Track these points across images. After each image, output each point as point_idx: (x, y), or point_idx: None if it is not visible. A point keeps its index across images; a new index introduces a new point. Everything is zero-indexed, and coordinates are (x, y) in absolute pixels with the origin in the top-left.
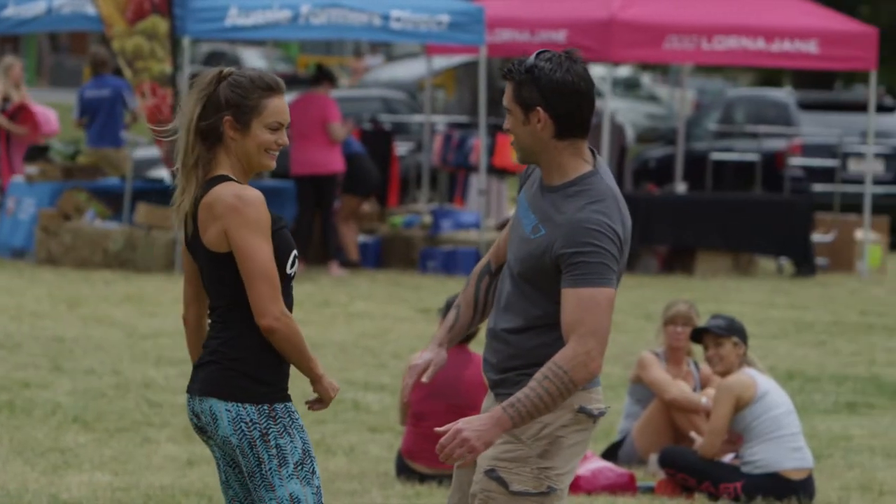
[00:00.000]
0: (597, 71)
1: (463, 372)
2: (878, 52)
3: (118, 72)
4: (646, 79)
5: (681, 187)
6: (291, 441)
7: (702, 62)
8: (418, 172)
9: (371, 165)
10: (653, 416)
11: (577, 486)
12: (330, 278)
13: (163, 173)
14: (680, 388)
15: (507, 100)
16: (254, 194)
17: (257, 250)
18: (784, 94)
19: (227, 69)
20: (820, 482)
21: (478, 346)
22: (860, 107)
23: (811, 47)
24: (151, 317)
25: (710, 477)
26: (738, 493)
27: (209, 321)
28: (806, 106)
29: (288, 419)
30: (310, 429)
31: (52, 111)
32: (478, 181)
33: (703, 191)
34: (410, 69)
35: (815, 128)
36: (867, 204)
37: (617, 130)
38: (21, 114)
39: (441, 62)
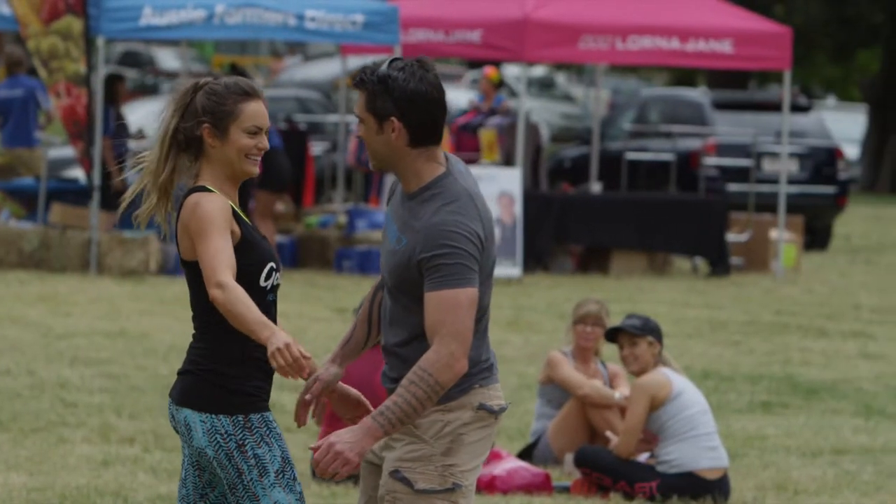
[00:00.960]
0: (511, 71)
1: (376, 373)
2: (792, 52)
3: (33, 72)
4: (560, 79)
5: (596, 187)
6: (270, 450)
7: (616, 62)
8: (333, 172)
9: (285, 160)
10: (567, 415)
11: (492, 486)
12: None
13: (77, 173)
14: (592, 385)
15: (359, 109)
16: (213, 198)
17: (209, 241)
18: (698, 94)
19: (203, 79)
20: (735, 481)
21: None
22: (774, 106)
23: (725, 47)
24: (66, 317)
25: (625, 476)
26: (654, 493)
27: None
28: (720, 106)
29: (265, 429)
30: None
31: None
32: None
33: (617, 190)
34: (325, 69)
35: (730, 127)
36: (782, 204)
37: (532, 130)
38: None
39: (356, 62)
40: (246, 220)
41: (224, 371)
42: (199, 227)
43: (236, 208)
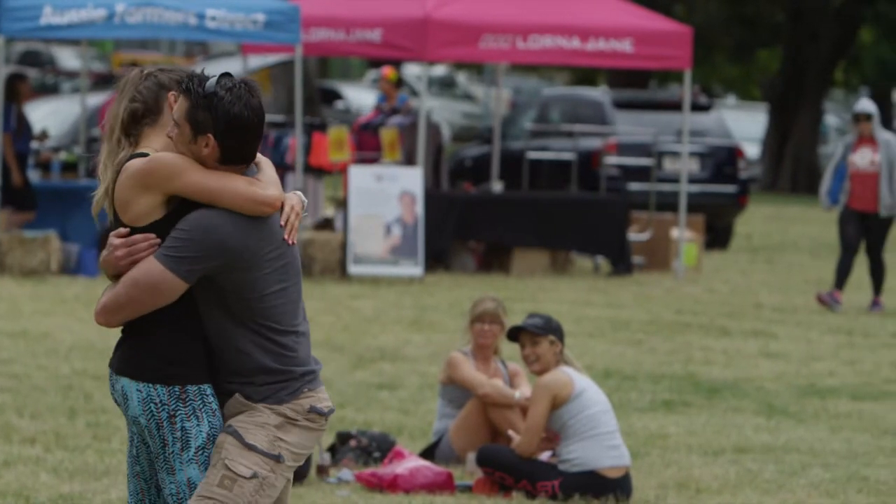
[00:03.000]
0: (412, 70)
1: None
2: (693, 51)
3: None
4: (461, 78)
5: (497, 186)
6: (198, 425)
7: (517, 61)
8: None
9: None
10: (469, 415)
11: (395, 485)
12: None
13: None
14: (492, 384)
15: (178, 113)
16: (164, 153)
17: (193, 174)
18: (599, 94)
19: (147, 68)
20: (637, 480)
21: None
22: (675, 106)
23: (626, 46)
24: None
25: (527, 475)
26: (556, 492)
27: None
28: (621, 105)
29: (199, 402)
30: None
31: None
32: (294, 180)
33: (519, 190)
34: (226, 68)
35: (631, 127)
36: (682, 203)
37: (433, 129)
38: None
39: (257, 61)
40: None
41: (161, 340)
42: (169, 170)
43: None
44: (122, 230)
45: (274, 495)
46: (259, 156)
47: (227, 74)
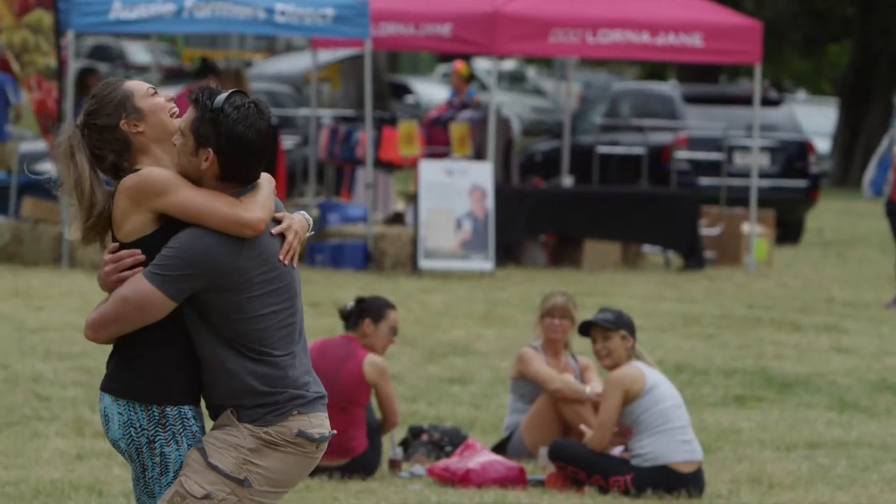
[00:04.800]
0: (482, 64)
1: (342, 367)
2: (763, 46)
3: (5, 66)
4: (531, 72)
5: (567, 181)
6: (177, 449)
7: (587, 56)
8: (305, 166)
9: None
10: (540, 409)
11: (467, 480)
12: None
13: (49, 167)
14: (563, 379)
15: (184, 123)
16: (157, 168)
17: (182, 192)
18: (669, 88)
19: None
20: (709, 475)
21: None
22: (745, 100)
23: (696, 41)
24: (39, 311)
25: (599, 470)
26: (628, 487)
27: None
28: (691, 99)
29: (179, 426)
30: None
31: None
32: (364, 175)
33: (589, 184)
34: (296, 63)
35: (701, 121)
36: (753, 197)
37: (503, 124)
38: None
39: (326, 56)
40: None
41: (145, 356)
42: (157, 187)
43: None
44: (112, 245)
45: None
46: (263, 175)
47: (239, 92)
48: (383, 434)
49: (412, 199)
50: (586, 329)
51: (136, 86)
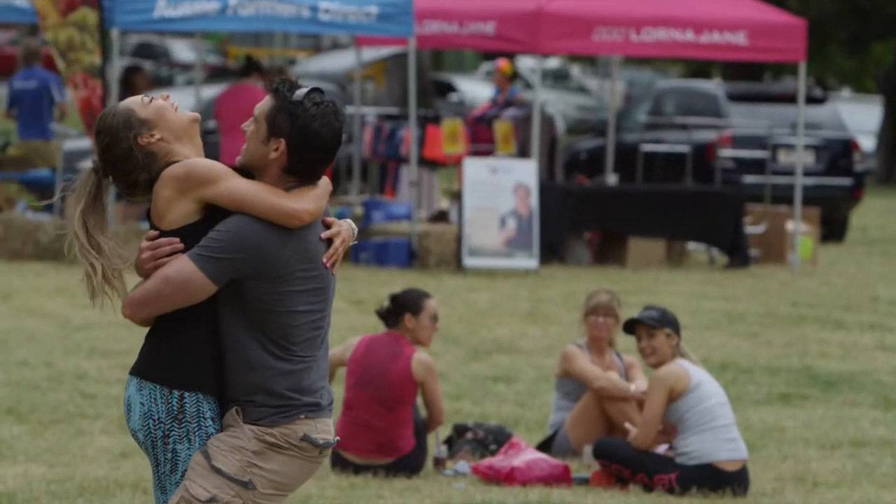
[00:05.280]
0: (526, 63)
1: (390, 365)
2: (807, 44)
3: (50, 64)
4: (575, 70)
5: (611, 179)
6: (189, 448)
7: (630, 54)
8: (349, 164)
9: None
10: (585, 407)
11: (512, 478)
12: None
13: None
14: (608, 377)
15: (259, 110)
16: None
17: (229, 181)
18: (713, 86)
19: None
20: (754, 473)
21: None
22: (789, 98)
23: (740, 39)
24: (83, 308)
25: (644, 468)
26: (673, 485)
27: None
28: (735, 97)
29: (195, 424)
30: None
31: None
32: (409, 172)
33: (633, 182)
34: (340, 61)
35: (745, 119)
36: (798, 195)
37: (547, 122)
38: None
39: (370, 54)
40: None
41: (172, 339)
42: (205, 176)
43: None
44: (151, 233)
45: None
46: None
47: (319, 90)
48: (428, 432)
49: (456, 196)
50: (631, 327)
51: (131, 101)
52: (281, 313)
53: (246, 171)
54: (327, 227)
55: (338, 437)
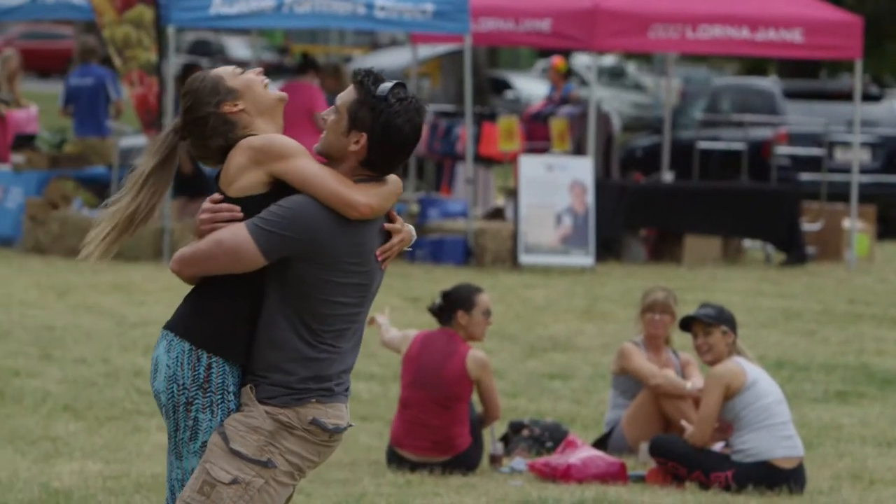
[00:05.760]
0: (582, 60)
1: (445, 363)
2: (864, 41)
3: (105, 61)
4: (631, 68)
5: (667, 176)
6: (211, 419)
7: (687, 51)
8: (405, 161)
9: None
10: (641, 405)
11: (567, 475)
12: None
13: None
14: (664, 375)
15: (342, 100)
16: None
17: (301, 160)
18: (770, 83)
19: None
20: (811, 471)
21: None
22: (845, 96)
23: (796, 36)
24: (140, 305)
25: (700, 466)
26: (729, 482)
27: None
28: (792, 95)
29: (219, 396)
30: None
31: (33, 109)
32: (464, 170)
33: (689, 180)
34: (395, 58)
35: (801, 116)
36: (854, 193)
37: (603, 119)
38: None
39: (426, 51)
40: None
41: (213, 306)
42: (281, 151)
43: None
44: (216, 196)
45: (268, 501)
46: (392, 176)
47: (402, 84)
48: (484, 427)
49: (512, 194)
50: (687, 324)
51: (223, 69)
52: (319, 300)
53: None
54: (391, 220)
55: (351, 424)
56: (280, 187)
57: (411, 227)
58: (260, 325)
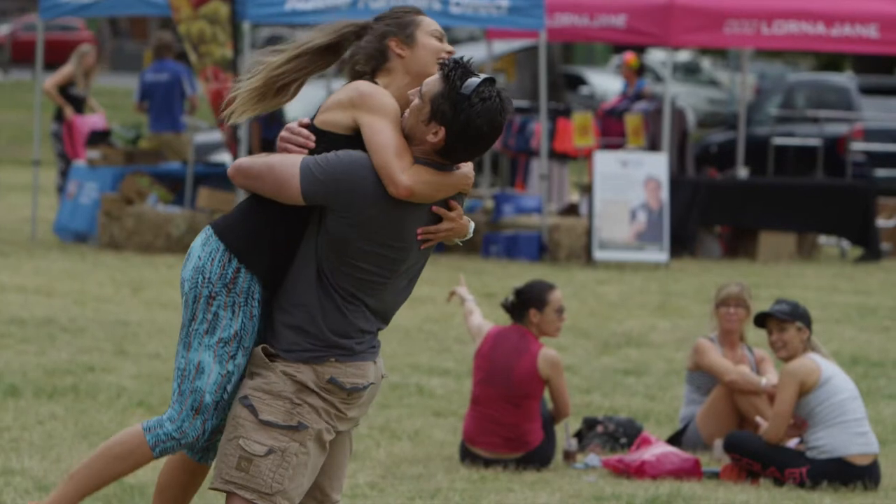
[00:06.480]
0: (657, 55)
1: (517, 361)
2: None
3: (180, 57)
4: (706, 63)
5: (742, 172)
6: (231, 318)
7: (762, 47)
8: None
9: None
10: (716, 401)
11: (642, 471)
12: None
13: (224, 157)
14: (739, 371)
15: (427, 88)
16: (390, 97)
17: (383, 122)
18: (845, 79)
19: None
20: (885, 468)
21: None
22: None
23: (871, 32)
24: None
25: (775, 462)
26: (804, 479)
27: None
28: (867, 91)
29: (243, 298)
30: (374, 414)
31: (100, 116)
32: (539, 166)
33: (764, 176)
34: (470, 54)
35: (877, 112)
36: None
37: (678, 115)
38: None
39: (501, 46)
40: None
41: (257, 229)
42: (372, 105)
43: None
44: (304, 119)
45: (307, 462)
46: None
47: (491, 80)
48: (555, 424)
49: (587, 190)
50: (762, 320)
51: (426, 20)
52: (341, 257)
53: None
54: (449, 208)
55: (372, 381)
56: (357, 140)
57: (469, 222)
58: (295, 261)
